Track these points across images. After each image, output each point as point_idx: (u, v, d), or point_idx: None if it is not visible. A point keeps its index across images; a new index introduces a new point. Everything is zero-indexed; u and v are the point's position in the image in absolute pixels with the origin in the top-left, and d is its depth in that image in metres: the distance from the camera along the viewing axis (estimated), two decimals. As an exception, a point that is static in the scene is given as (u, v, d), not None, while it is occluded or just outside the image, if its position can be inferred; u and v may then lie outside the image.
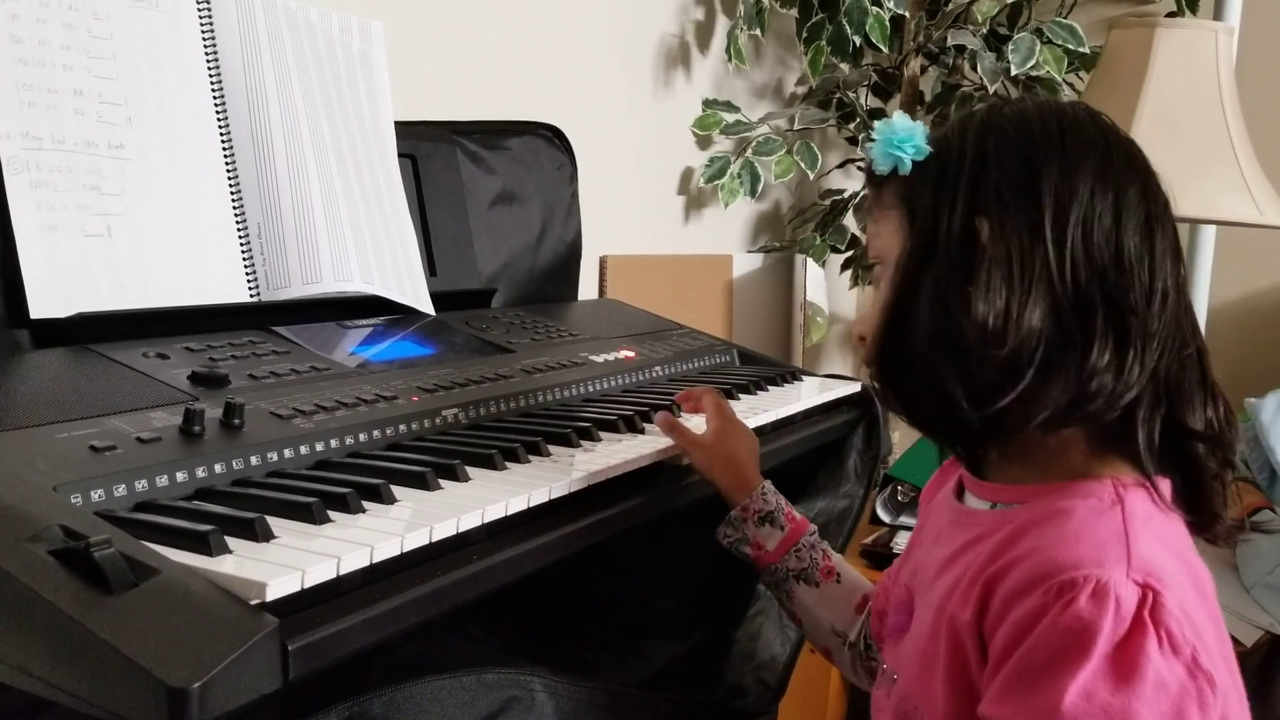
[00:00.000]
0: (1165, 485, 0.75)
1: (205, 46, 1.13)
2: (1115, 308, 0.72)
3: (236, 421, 0.82)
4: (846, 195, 2.37)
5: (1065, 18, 2.18)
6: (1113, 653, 0.64)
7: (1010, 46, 2.08)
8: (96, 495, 0.70)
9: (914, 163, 0.79)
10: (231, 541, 0.65)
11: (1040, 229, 0.72)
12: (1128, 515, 0.70)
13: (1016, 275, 0.72)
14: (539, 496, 0.81)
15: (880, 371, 0.81)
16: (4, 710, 0.67)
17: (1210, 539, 0.77)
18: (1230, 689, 0.68)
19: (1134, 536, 0.69)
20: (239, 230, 1.11)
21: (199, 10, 1.12)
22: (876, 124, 0.81)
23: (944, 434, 0.82)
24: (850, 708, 1.85)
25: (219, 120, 1.12)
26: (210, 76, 1.12)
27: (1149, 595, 0.65)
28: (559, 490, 0.83)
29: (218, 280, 1.08)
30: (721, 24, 2.30)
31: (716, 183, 2.21)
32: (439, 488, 0.80)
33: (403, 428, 0.94)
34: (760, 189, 2.25)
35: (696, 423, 1.06)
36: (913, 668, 0.79)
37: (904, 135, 0.79)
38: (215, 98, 1.12)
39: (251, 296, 1.11)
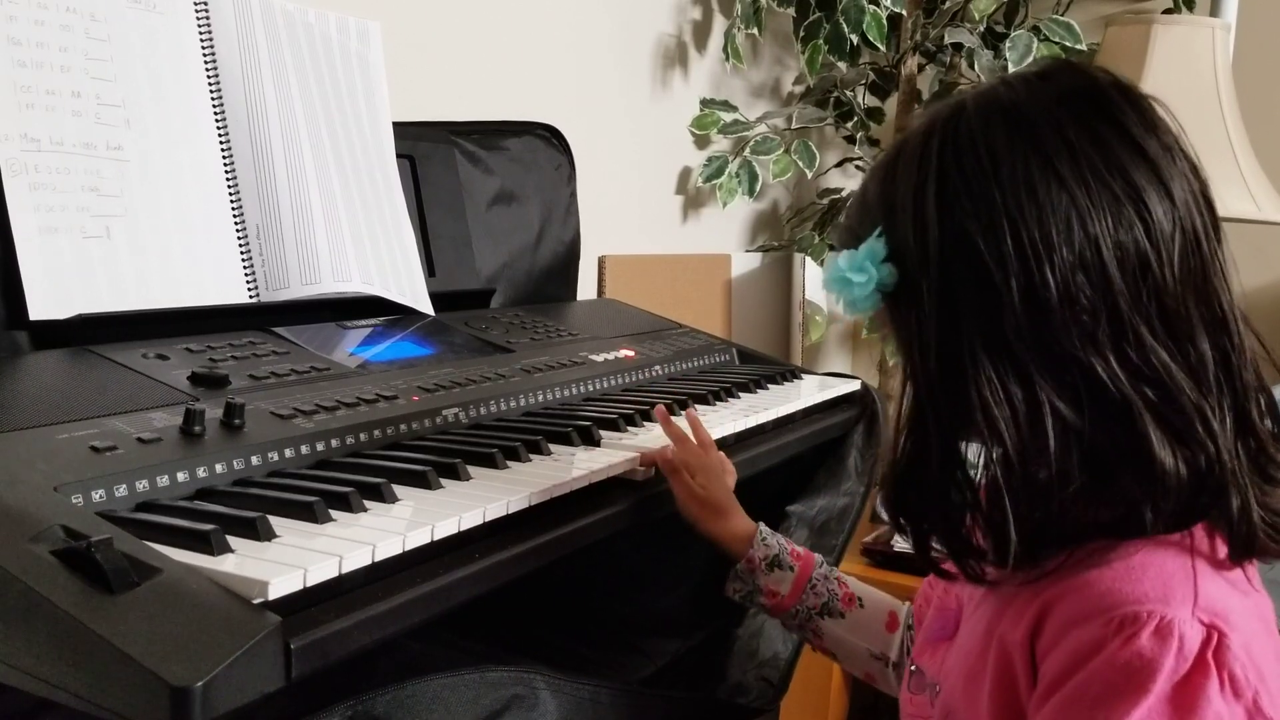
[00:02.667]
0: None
1: (203, 48, 1.13)
2: (1157, 399, 0.65)
3: (237, 421, 0.82)
4: (844, 194, 2.37)
5: (1062, 15, 2.18)
6: (1172, 692, 0.62)
7: (1007, 44, 2.08)
8: (97, 495, 0.70)
9: (885, 293, 0.71)
10: (233, 540, 0.65)
11: (1031, 356, 0.65)
12: (1196, 552, 0.67)
13: (1022, 410, 0.65)
14: (540, 495, 0.81)
15: (895, 505, 0.74)
16: (7, 710, 0.67)
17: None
18: None
19: (1201, 574, 0.66)
20: (238, 231, 1.11)
21: (196, 11, 1.12)
22: (825, 273, 0.73)
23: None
24: (853, 705, 1.85)
25: (217, 121, 1.12)
26: (208, 78, 1.12)
27: (1214, 636, 0.63)
28: (561, 488, 0.83)
29: (217, 281, 1.08)
30: (719, 23, 2.30)
31: (714, 182, 2.21)
32: (440, 486, 0.80)
33: (403, 427, 0.94)
34: (758, 188, 2.24)
35: (657, 434, 1.02)
36: (958, 681, 0.77)
37: (860, 280, 0.70)
38: (213, 99, 1.12)
39: (251, 297, 1.11)
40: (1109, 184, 0.65)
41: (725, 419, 1.11)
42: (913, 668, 0.86)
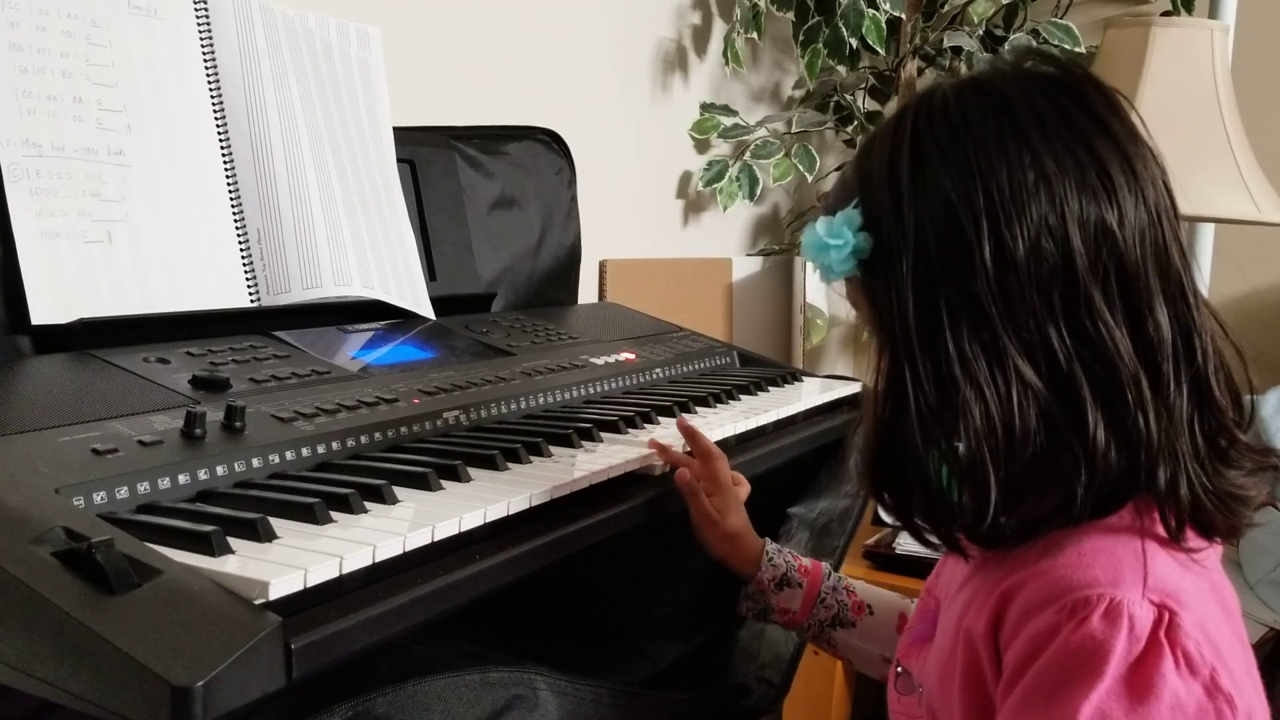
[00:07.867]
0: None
1: (204, 53, 1.13)
2: (1098, 370, 0.66)
3: (238, 424, 0.83)
4: (845, 197, 2.37)
5: (1061, 18, 2.19)
6: (1127, 673, 0.62)
7: (1006, 47, 2.08)
8: (99, 497, 0.70)
9: (861, 261, 0.72)
10: (234, 542, 0.65)
11: (998, 313, 0.66)
12: (1146, 534, 0.68)
13: (996, 369, 0.66)
14: (541, 496, 0.81)
15: (875, 481, 0.74)
16: (8, 713, 0.67)
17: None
18: (1256, 708, 0.67)
19: (1152, 556, 0.67)
20: (239, 235, 1.11)
21: (197, 17, 1.13)
22: (803, 239, 0.74)
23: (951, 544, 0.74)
24: (855, 706, 1.85)
25: (218, 126, 1.13)
26: (209, 83, 1.13)
27: (1165, 615, 0.64)
28: (561, 490, 0.83)
29: (218, 285, 1.08)
30: (718, 28, 2.30)
31: (715, 186, 2.22)
32: (441, 488, 0.80)
33: (404, 430, 0.94)
34: (759, 192, 2.25)
35: (658, 435, 1.02)
36: (935, 678, 0.78)
37: (836, 243, 0.71)
38: (214, 104, 1.13)
39: (252, 301, 1.11)
40: (1074, 151, 0.67)
41: (726, 421, 1.11)
42: (899, 669, 0.87)
